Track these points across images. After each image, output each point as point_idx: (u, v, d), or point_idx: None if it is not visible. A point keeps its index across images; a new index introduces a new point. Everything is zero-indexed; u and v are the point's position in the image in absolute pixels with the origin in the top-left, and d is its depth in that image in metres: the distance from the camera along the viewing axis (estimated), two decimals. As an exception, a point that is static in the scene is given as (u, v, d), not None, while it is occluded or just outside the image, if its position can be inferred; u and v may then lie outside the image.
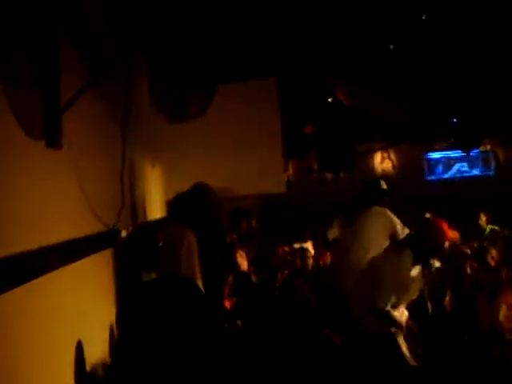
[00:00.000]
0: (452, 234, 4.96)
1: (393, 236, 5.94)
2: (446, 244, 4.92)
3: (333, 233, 7.47)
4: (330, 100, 9.90)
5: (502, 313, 6.27)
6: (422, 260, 4.90)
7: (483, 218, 9.87)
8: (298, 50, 7.79)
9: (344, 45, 7.82)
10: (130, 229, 5.07)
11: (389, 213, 6.13)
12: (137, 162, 5.92)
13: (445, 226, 4.99)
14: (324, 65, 8.35)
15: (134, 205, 5.59)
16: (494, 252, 7.20)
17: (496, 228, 9.36)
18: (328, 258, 8.36)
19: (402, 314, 4.80)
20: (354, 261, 5.95)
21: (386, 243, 5.83)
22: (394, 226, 5.98)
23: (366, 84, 8.38)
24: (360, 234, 6.14)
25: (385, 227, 5.98)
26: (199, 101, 5.23)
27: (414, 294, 4.98)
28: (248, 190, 8.07)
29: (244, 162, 7.64)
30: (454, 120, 11.41)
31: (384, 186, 6.47)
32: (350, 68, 8.22)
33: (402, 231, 5.94)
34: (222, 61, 5.33)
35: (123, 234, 4.81)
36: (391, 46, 8.05)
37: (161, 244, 4.75)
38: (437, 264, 5.66)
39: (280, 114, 8.03)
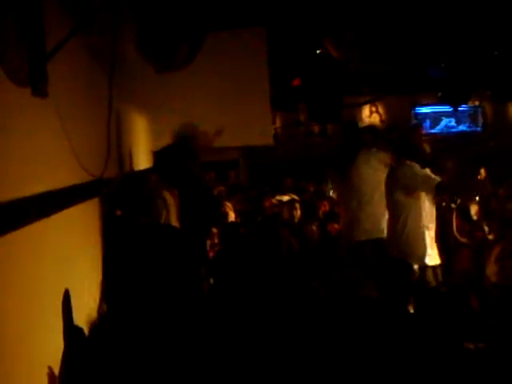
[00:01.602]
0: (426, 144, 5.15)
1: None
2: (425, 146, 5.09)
3: (328, 189, 7.55)
4: (318, 52, 9.81)
5: (490, 267, 6.38)
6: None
7: (482, 174, 9.86)
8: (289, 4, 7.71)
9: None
10: (118, 179, 5.07)
11: (374, 151, 6.10)
12: (123, 112, 5.88)
13: (421, 130, 5.18)
14: (313, 16, 8.25)
15: (120, 155, 5.57)
16: (475, 207, 7.27)
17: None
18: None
19: None
20: (351, 213, 6.10)
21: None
22: (384, 161, 5.99)
23: (355, 36, 8.28)
24: (354, 188, 6.19)
25: (375, 169, 5.99)
26: (187, 50, 5.16)
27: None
28: (235, 142, 8.06)
29: (231, 113, 7.61)
30: (442, 68, 11.34)
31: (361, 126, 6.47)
32: (339, 19, 8.12)
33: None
34: (211, 8, 5.24)
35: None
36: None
37: (146, 194, 4.77)
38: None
39: (268, 65, 7.97)
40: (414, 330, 3.37)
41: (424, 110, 14.01)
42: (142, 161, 6.64)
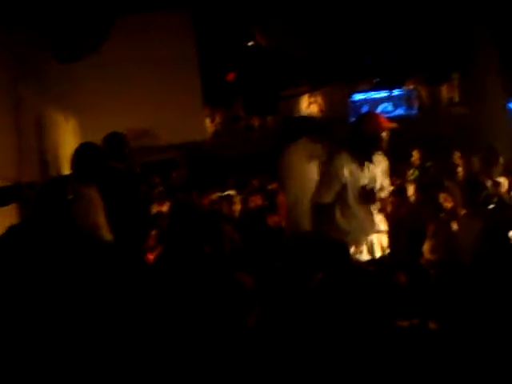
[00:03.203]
0: (389, 124, 4.93)
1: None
2: (384, 134, 4.88)
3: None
4: (250, 44, 9.75)
5: (426, 246, 6.40)
6: (363, 154, 4.92)
7: (416, 155, 9.91)
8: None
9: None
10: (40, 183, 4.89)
11: (303, 143, 5.96)
12: (46, 116, 5.69)
13: (382, 117, 5.02)
14: (241, 6, 8.19)
15: (44, 159, 5.39)
16: (412, 187, 7.30)
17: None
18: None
19: None
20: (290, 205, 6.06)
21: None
22: (313, 153, 5.89)
23: (283, 24, 8.26)
24: (286, 181, 6.12)
25: (303, 161, 5.89)
26: (93, 35, 4.97)
27: None
28: (168, 139, 7.91)
29: (162, 109, 7.48)
30: (375, 55, 11.43)
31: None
32: (268, 9, 8.08)
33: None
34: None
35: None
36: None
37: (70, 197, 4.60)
38: None
39: (197, 58, 7.83)
40: (345, 310, 3.31)
41: (360, 96, 14.11)
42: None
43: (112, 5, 5.03)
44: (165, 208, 8.78)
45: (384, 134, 4.85)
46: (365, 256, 5.01)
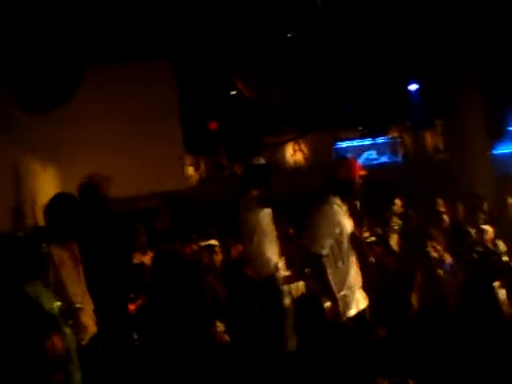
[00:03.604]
0: (362, 171, 4.84)
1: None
2: (358, 180, 4.76)
3: None
4: (233, 93, 9.76)
5: (414, 296, 6.28)
6: (340, 195, 4.75)
7: (398, 204, 9.86)
8: (195, 39, 7.60)
9: (242, 35, 7.69)
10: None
11: (253, 195, 5.78)
12: (23, 165, 5.59)
13: (356, 163, 4.93)
14: (223, 56, 8.20)
15: (20, 208, 5.26)
16: (395, 237, 7.21)
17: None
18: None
19: None
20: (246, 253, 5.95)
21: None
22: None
23: (265, 74, 8.27)
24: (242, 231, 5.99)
25: (253, 212, 5.73)
26: (61, 87, 4.88)
27: None
28: (148, 189, 7.81)
29: (143, 158, 7.40)
30: (358, 104, 11.50)
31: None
32: (248, 58, 8.09)
33: None
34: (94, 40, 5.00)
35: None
36: (289, 35, 7.99)
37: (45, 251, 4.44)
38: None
39: (178, 107, 7.79)
40: (324, 366, 3.18)
41: (344, 144, 14.15)
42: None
43: (80, 55, 4.94)
44: (147, 258, 8.62)
45: (357, 181, 4.77)
46: (353, 311, 4.73)
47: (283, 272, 5.76)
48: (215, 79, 9.18)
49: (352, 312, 4.48)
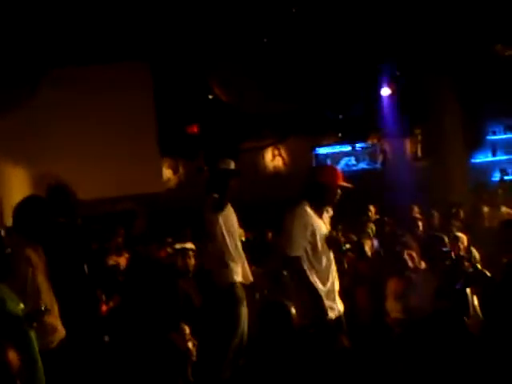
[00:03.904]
0: (345, 183, 4.79)
1: None
2: (338, 188, 4.72)
3: None
4: (210, 97, 9.72)
5: (389, 304, 6.26)
6: (318, 204, 4.73)
7: (372, 210, 9.91)
8: (171, 41, 7.56)
9: (217, 38, 7.66)
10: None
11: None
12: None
13: (339, 172, 4.90)
14: (199, 58, 8.17)
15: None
16: (369, 243, 7.22)
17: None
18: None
19: None
20: None
21: None
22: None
23: (240, 78, 8.25)
24: None
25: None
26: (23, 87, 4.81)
27: None
28: (124, 191, 7.74)
29: (118, 160, 7.34)
30: (338, 110, 11.50)
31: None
32: (224, 63, 8.06)
33: None
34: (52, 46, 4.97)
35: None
36: (265, 40, 7.97)
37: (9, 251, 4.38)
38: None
39: (154, 109, 7.75)
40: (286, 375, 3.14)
41: (323, 150, 14.15)
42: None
43: (41, 58, 4.89)
44: (122, 259, 8.56)
45: (337, 188, 4.76)
46: (336, 312, 4.71)
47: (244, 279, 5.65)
48: (192, 82, 9.13)
49: (333, 315, 4.50)
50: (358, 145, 14.17)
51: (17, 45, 4.28)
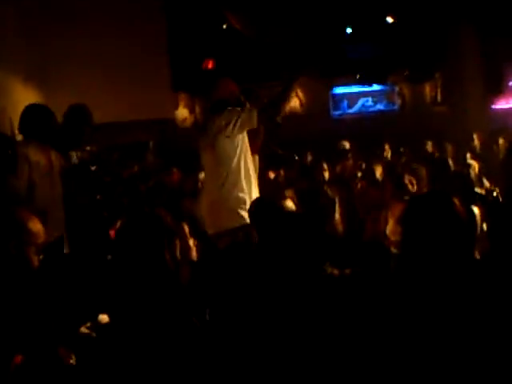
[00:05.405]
0: (235, 88, 4.66)
1: None
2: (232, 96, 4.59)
3: None
4: (224, 26, 9.58)
5: (389, 227, 6.24)
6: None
7: (387, 149, 9.89)
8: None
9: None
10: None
11: None
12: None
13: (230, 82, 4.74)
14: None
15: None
16: (380, 169, 7.15)
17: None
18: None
19: None
20: None
21: None
22: None
23: (258, 9, 8.13)
24: None
25: None
26: None
27: None
28: (137, 115, 7.78)
29: (130, 85, 7.36)
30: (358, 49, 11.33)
31: None
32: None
33: None
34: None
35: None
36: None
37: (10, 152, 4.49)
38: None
39: (166, 41, 7.73)
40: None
41: (341, 90, 13.99)
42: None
43: None
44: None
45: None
46: None
47: None
48: (206, 13, 9.02)
49: None
50: (375, 86, 14.00)
51: None
